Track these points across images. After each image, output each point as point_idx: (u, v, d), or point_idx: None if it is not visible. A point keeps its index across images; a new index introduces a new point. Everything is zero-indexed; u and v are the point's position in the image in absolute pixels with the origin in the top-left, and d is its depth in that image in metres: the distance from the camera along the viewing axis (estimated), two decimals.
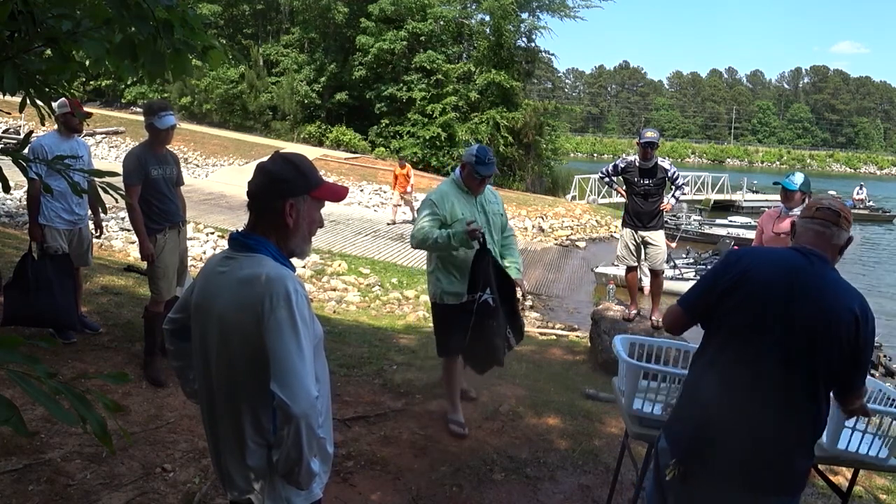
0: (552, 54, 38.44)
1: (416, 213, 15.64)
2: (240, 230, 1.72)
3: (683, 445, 2.06)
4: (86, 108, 4.52)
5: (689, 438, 2.05)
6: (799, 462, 2.03)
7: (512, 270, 3.75)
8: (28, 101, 1.90)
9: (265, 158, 1.76)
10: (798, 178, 4.60)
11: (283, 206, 1.66)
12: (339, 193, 1.78)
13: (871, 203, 28.23)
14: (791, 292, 1.94)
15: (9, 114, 16.79)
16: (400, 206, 15.94)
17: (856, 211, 27.09)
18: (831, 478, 3.00)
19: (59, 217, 4.39)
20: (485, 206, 3.75)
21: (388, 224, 15.61)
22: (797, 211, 4.61)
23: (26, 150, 3.22)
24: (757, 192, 29.51)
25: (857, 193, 28.27)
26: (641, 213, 5.75)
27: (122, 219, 11.32)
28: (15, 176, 1.93)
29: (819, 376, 1.94)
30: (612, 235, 17.52)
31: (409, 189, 15.94)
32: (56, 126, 4.37)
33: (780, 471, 2.00)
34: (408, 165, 16.35)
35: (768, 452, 1.97)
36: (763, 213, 5.17)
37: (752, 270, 2.00)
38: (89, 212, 4.75)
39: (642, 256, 5.90)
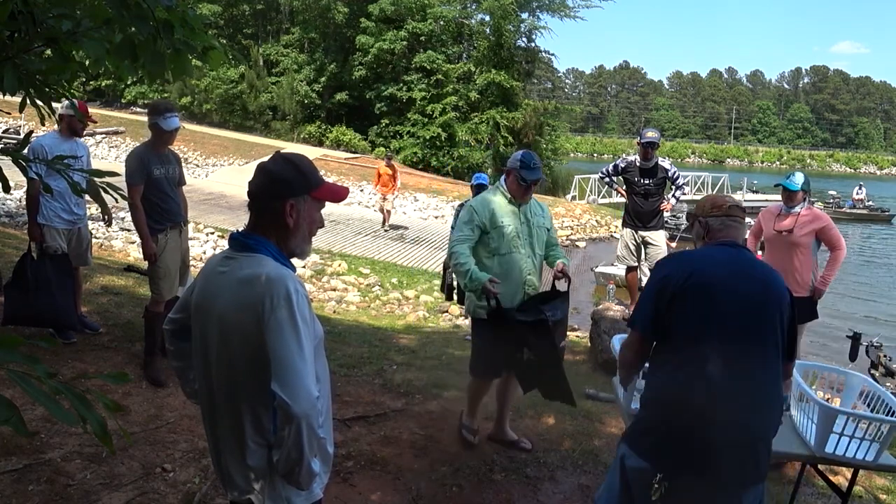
0: (552, 54, 38.53)
1: (388, 219, 14.31)
2: (240, 230, 1.72)
3: (669, 460, 2.00)
4: (55, 105, 4.50)
5: (676, 450, 1.99)
6: (771, 446, 2.10)
7: (559, 259, 3.53)
8: (28, 101, 1.89)
9: (266, 158, 1.75)
10: (798, 179, 4.66)
11: (284, 206, 1.66)
12: (339, 194, 1.78)
13: (870, 203, 28.26)
14: (739, 283, 2.03)
15: (9, 114, 16.79)
16: (391, 209, 14.59)
17: (855, 211, 27.17)
18: (831, 478, 3.00)
19: (59, 217, 4.39)
20: (529, 217, 3.50)
21: (385, 230, 14.43)
22: (799, 209, 4.63)
23: (26, 150, 3.22)
24: (757, 192, 29.49)
25: (857, 193, 28.33)
26: (642, 213, 5.76)
27: (123, 219, 11.32)
28: (15, 176, 1.93)
29: (781, 352, 2.05)
30: (612, 235, 17.54)
31: (395, 193, 14.56)
32: (56, 126, 4.37)
33: (763, 460, 2.05)
34: (395, 164, 14.88)
35: (758, 444, 2.02)
36: (762, 210, 5.17)
37: (695, 274, 2.04)
38: (88, 212, 4.75)
39: (642, 256, 5.90)
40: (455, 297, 6.55)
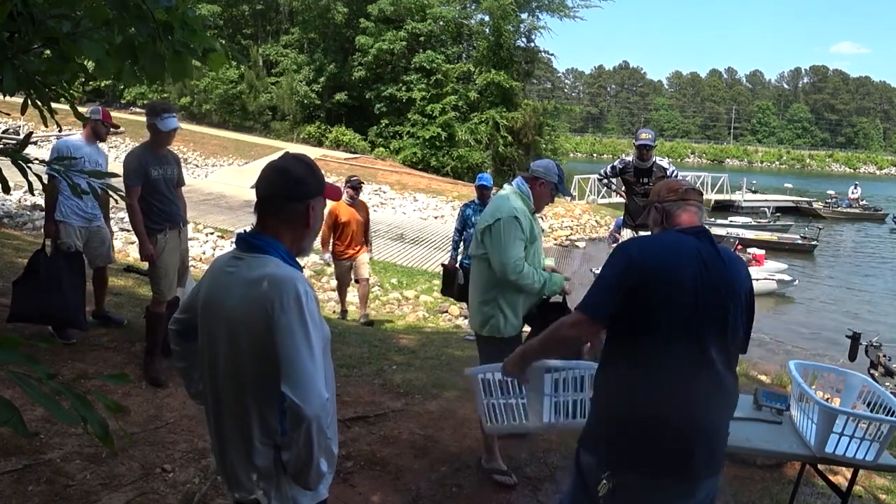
0: (552, 54, 38.53)
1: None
2: (247, 230, 1.71)
3: (617, 457, 1.92)
4: (82, 109, 4.56)
5: (626, 449, 1.92)
6: (726, 439, 2.03)
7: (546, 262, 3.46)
8: (30, 103, 1.90)
9: (271, 159, 1.75)
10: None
11: (306, 207, 1.67)
12: (338, 192, 1.87)
13: (863, 202, 28.44)
14: (704, 275, 1.90)
15: (8, 114, 16.79)
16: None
17: (850, 210, 27.44)
18: (831, 478, 3.00)
19: (76, 214, 4.43)
20: (533, 223, 3.35)
21: None
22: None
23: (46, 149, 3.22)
24: (756, 192, 29.58)
25: (853, 193, 28.62)
26: (641, 213, 5.76)
27: (122, 219, 11.31)
28: (14, 176, 1.93)
29: (740, 343, 2.01)
30: None
31: None
32: (83, 130, 4.53)
33: (719, 451, 1.99)
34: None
35: (713, 440, 1.95)
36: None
37: (657, 262, 1.92)
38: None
39: None
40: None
